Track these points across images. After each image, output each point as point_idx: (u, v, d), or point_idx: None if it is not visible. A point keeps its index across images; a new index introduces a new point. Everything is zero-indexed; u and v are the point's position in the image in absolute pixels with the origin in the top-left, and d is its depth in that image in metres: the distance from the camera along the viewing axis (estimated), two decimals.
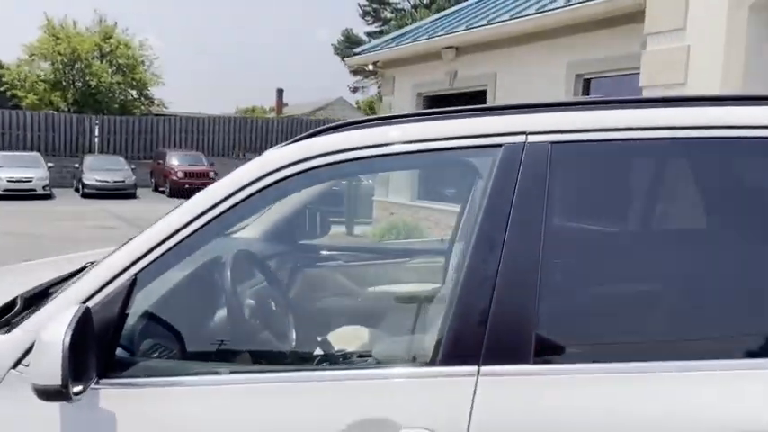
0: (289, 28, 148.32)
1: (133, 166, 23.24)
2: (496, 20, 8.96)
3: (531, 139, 1.52)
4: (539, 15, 8.18)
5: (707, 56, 4.88)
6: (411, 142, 1.60)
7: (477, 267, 1.46)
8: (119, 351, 1.58)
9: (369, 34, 32.18)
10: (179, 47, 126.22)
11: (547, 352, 1.44)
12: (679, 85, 5.03)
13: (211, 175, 21.17)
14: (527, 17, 8.35)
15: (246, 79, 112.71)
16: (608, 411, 1.37)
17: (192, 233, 1.58)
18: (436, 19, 11.63)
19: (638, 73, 7.28)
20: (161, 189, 23.39)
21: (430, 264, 2.98)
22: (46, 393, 1.38)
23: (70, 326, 1.37)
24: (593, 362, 1.45)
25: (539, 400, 1.38)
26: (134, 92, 33.57)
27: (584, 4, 7.57)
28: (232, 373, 1.60)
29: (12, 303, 1.88)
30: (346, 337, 2.03)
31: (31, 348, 1.47)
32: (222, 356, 1.83)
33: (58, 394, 1.36)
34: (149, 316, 1.73)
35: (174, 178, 22.43)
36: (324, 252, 3.09)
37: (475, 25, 9.35)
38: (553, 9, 8.00)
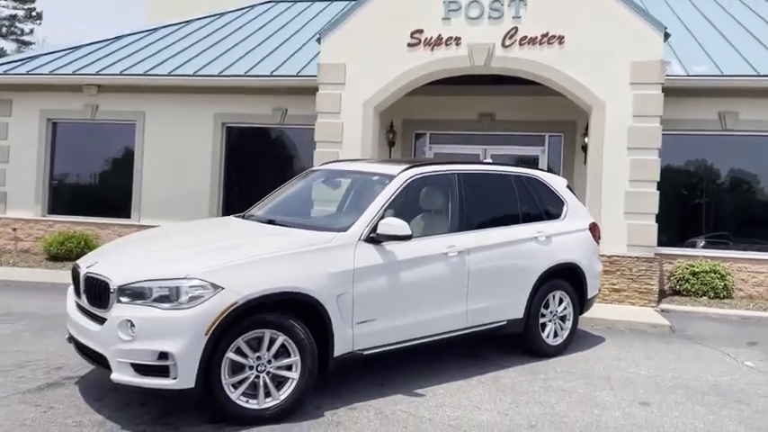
0: None
1: None
2: (153, 71, 11.44)
3: (461, 171, 5.63)
4: (195, 78, 11.24)
5: (353, 130, 9.42)
6: (435, 171, 5.48)
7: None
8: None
9: None
10: None
11: None
12: (338, 142, 9.41)
13: None
14: (186, 77, 11.26)
15: None
16: None
17: (390, 204, 5.01)
18: (74, 48, 12.69)
19: (267, 126, 11.33)
20: None
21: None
22: (400, 238, 4.66)
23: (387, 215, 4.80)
24: None
25: None
26: None
27: (227, 78, 11.14)
28: (415, 238, 5.04)
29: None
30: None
31: (362, 232, 4.68)
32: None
33: (407, 238, 4.68)
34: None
35: None
36: None
37: (130, 73, 11.48)
38: (208, 75, 11.23)
